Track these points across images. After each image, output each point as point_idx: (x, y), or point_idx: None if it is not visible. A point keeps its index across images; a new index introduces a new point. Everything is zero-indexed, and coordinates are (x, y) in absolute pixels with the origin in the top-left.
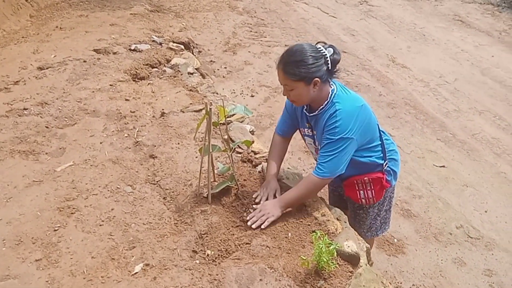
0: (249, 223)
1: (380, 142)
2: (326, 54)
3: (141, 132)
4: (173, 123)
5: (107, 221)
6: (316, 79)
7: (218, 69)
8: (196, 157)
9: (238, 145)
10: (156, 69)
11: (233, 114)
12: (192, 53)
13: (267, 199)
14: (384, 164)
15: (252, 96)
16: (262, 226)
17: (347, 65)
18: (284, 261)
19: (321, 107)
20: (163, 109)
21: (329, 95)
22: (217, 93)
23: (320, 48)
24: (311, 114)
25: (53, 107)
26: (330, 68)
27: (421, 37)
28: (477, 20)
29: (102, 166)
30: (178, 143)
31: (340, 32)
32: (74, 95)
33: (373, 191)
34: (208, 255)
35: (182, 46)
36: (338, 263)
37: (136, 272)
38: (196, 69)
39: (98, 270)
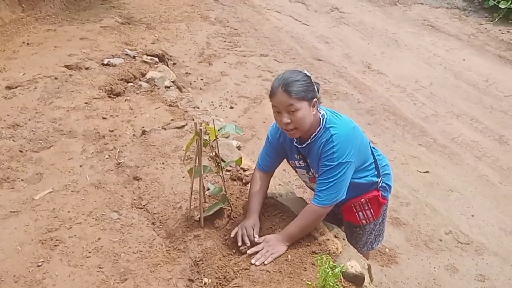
0: (252, 261)
1: (373, 160)
2: (310, 77)
3: (122, 153)
4: (156, 142)
5: (95, 252)
6: (315, 99)
7: (194, 81)
8: (183, 177)
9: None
10: (131, 84)
11: None
12: (167, 66)
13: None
14: (379, 181)
15: (232, 107)
16: (266, 262)
17: (323, 73)
18: (286, 286)
19: (313, 134)
20: (143, 127)
21: (321, 121)
22: (198, 108)
23: (306, 73)
24: (303, 145)
25: (26, 129)
26: (318, 91)
27: (393, 42)
28: (446, 24)
29: (84, 191)
30: (163, 163)
31: (314, 40)
32: (48, 115)
33: (371, 210)
34: (205, 283)
35: (156, 59)
36: (343, 285)
37: None
38: (172, 82)
39: None
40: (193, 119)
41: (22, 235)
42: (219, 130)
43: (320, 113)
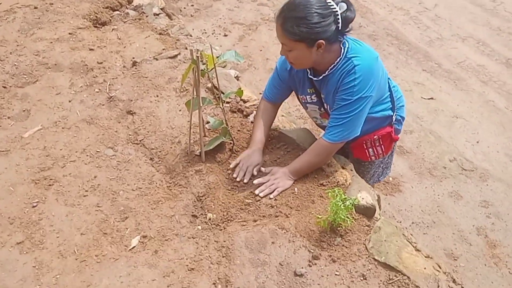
0: (256, 192)
1: (389, 92)
2: (336, 11)
3: (113, 86)
4: (148, 73)
5: (92, 190)
6: (321, 41)
7: (184, 8)
8: (180, 110)
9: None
10: (117, 12)
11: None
12: None
13: (245, 174)
14: (393, 115)
15: (225, 35)
16: (271, 196)
17: None
18: (294, 219)
19: (332, 65)
20: (133, 58)
21: (341, 51)
22: (190, 36)
23: (330, 3)
24: (319, 78)
25: (7, 63)
26: (340, 27)
27: None
28: None
29: (76, 128)
30: (157, 96)
31: None
32: (30, 47)
33: (382, 146)
34: (210, 219)
35: None
36: (353, 217)
37: (134, 246)
38: (161, 9)
39: (90, 248)
40: (186, 48)
41: (14, 175)
42: (217, 57)
43: (341, 41)
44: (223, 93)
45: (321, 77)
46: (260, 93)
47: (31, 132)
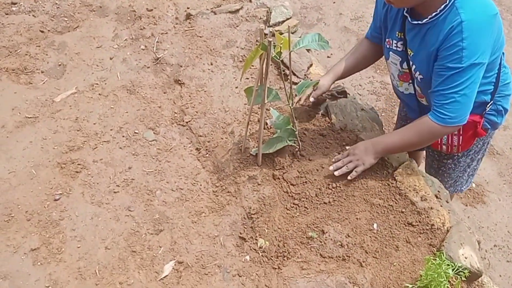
0: (331, 168)
1: (496, 72)
2: None
3: (161, 44)
4: (203, 32)
5: (124, 186)
6: None
7: None
8: (236, 87)
9: (288, 71)
10: None
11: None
12: None
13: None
14: (488, 104)
15: None
16: (349, 177)
17: None
18: (371, 271)
19: (434, 13)
20: (188, 8)
21: None
22: None
23: None
24: (415, 22)
25: (48, 1)
26: None
27: None
28: None
29: (114, 96)
30: (211, 64)
31: None
32: None
33: (460, 137)
34: (261, 247)
35: None
36: (449, 282)
37: (166, 276)
38: None
39: (114, 271)
40: (251, 1)
41: (38, 152)
42: (295, 44)
43: None
44: (296, 75)
45: (416, 22)
46: (328, 57)
47: (63, 95)
